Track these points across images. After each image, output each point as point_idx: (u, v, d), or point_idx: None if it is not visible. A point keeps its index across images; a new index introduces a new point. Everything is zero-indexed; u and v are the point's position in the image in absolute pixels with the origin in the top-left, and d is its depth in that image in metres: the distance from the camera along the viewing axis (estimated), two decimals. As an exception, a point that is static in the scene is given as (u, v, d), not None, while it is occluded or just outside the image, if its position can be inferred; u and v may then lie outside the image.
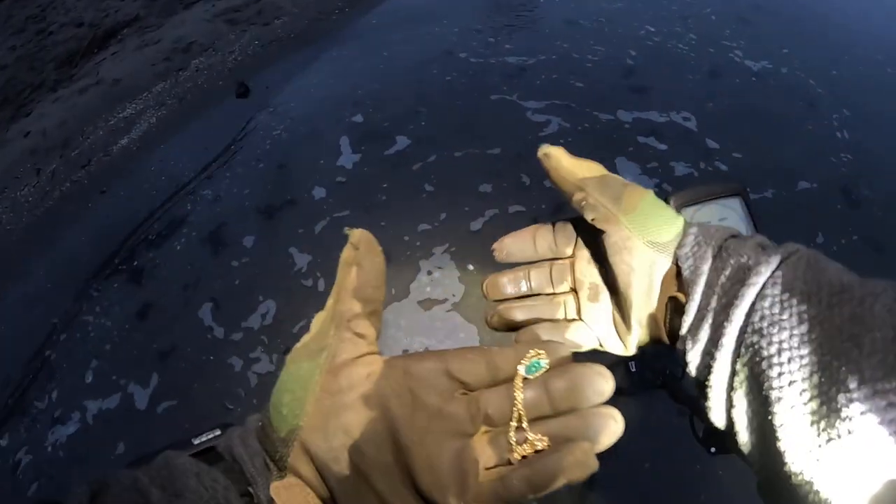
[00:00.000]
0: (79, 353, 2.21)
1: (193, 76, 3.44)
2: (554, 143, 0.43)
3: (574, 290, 0.46)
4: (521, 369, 0.33)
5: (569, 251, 0.46)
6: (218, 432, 0.35)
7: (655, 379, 1.89)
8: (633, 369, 1.78)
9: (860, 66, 3.17)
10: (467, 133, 2.70)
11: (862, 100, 2.90)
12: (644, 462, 1.70)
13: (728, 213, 0.57)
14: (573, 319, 0.45)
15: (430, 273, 2.18)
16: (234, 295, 2.24)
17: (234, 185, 2.68)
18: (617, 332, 0.44)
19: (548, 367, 0.34)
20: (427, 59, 3.20)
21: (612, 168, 0.43)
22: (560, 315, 0.45)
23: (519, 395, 0.33)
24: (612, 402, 0.38)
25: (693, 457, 1.65)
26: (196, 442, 0.34)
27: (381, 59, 3.28)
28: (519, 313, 0.45)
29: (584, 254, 0.45)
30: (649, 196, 0.41)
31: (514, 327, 0.46)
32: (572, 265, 0.46)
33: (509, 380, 0.34)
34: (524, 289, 0.47)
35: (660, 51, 3.21)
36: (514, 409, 0.32)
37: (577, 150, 0.44)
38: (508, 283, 0.47)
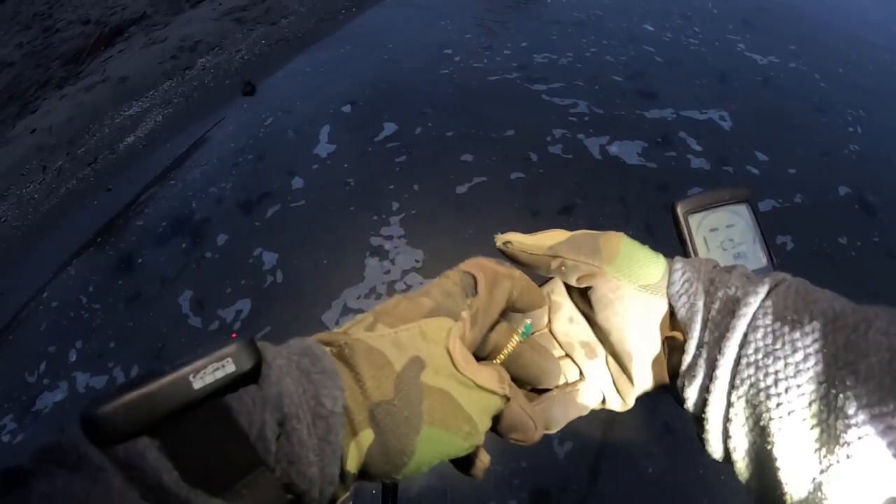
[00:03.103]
0: (85, 349, 2.21)
1: (200, 75, 3.45)
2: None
3: (567, 356, 0.44)
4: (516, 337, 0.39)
5: (545, 321, 0.45)
6: (232, 368, 0.25)
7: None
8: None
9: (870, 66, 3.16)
10: (477, 127, 2.69)
11: (875, 104, 2.90)
12: (648, 467, 1.69)
13: (735, 220, 0.57)
14: (576, 381, 0.43)
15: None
16: (238, 296, 2.24)
17: (239, 184, 2.68)
18: (616, 387, 0.42)
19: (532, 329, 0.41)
20: (434, 59, 3.20)
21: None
22: (561, 381, 0.43)
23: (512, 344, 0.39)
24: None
25: (697, 462, 1.65)
26: (199, 386, 0.24)
27: (388, 59, 3.28)
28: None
29: (562, 315, 0.44)
30: (625, 239, 0.41)
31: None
32: (551, 332, 0.45)
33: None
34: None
35: (677, 49, 3.20)
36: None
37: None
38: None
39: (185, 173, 2.81)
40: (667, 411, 1.76)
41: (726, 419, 0.35)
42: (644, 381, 0.41)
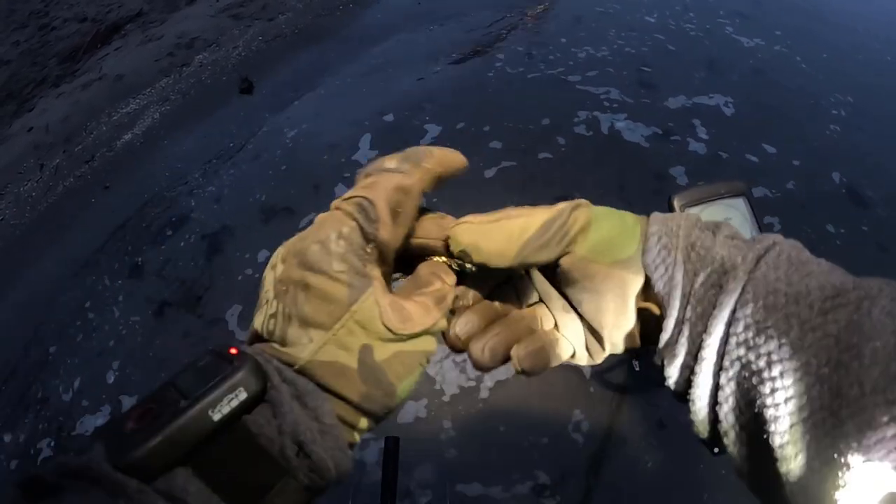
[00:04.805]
0: (84, 348, 2.21)
1: (197, 72, 3.44)
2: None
3: (542, 301, 0.42)
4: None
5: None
6: (244, 396, 0.28)
7: (659, 377, 1.89)
8: (637, 368, 1.78)
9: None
10: (477, 123, 2.69)
11: (871, 99, 2.90)
12: (647, 461, 1.69)
13: (732, 213, 0.57)
14: (552, 329, 0.41)
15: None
16: (234, 297, 2.24)
17: (237, 182, 2.67)
18: (588, 348, 0.41)
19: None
20: (434, 55, 3.19)
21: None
22: (538, 326, 0.41)
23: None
24: (615, 400, 0.37)
25: (696, 456, 1.65)
26: (218, 418, 0.27)
27: (385, 56, 3.27)
28: (503, 338, 0.40)
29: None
30: (593, 214, 0.37)
31: (507, 358, 0.40)
32: (530, 276, 0.42)
33: None
34: (493, 313, 0.42)
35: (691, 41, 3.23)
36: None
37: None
38: (477, 319, 0.41)
39: (211, 182, 2.79)
40: (666, 405, 1.76)
41: (715, 402, 0.32)
42: (615, 347, 0.39)
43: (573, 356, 0.41)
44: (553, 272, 0.39)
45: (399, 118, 2.79)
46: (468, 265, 0.38)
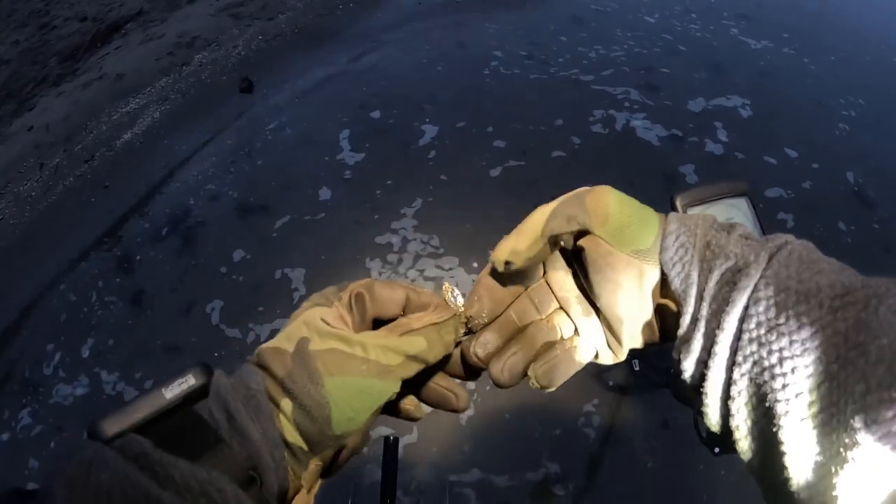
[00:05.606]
0: (85, 347, 2.21)
1: (197, 71, 3.44)
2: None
3: (561, 308, 0.43)
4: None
5: (540, 272, 0.44)
6: (192, 382, 0.33)
7: (659, 378, 1.89)
8: (637, 368, 1.78)
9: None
10: (479, 124, 2.69)
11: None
12: (647, 462, 1.69)
13: (734, 213, 0.57)
14: (572, 337, 0.43)
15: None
16: (236, 296, 2.24)
17: (237, 181, 2.67)
18: (609, 345, 0.42)
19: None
20: (436, 55, 3.18)
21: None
22: (557, 337, 0.42)
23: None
24: (615, 401, 0.37)
25: (696, 457, 1.65)
26: (170, 396, 0.32)
27: (387, 55, 3.26)
28: (522, 357, 0.41)
29: (558, 266, 0.43)
30: (613, 195, 0.39)
31: (526, 373, 0.42)
32: (548, 283, 0.43)
33: None
34: (512, 329, 0.43)
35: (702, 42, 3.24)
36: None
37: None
38: (496, 338, 0.42)
39: (210, 181, 2.78)
40: (665, 405, 1.76)
41: (727, 396, 0.33)
42: (634, 342, 0.41)
43: (596, 357, 0.43)
44: (577, 262, 0.41)
45: (398, 119, 2.79)
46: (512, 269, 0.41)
